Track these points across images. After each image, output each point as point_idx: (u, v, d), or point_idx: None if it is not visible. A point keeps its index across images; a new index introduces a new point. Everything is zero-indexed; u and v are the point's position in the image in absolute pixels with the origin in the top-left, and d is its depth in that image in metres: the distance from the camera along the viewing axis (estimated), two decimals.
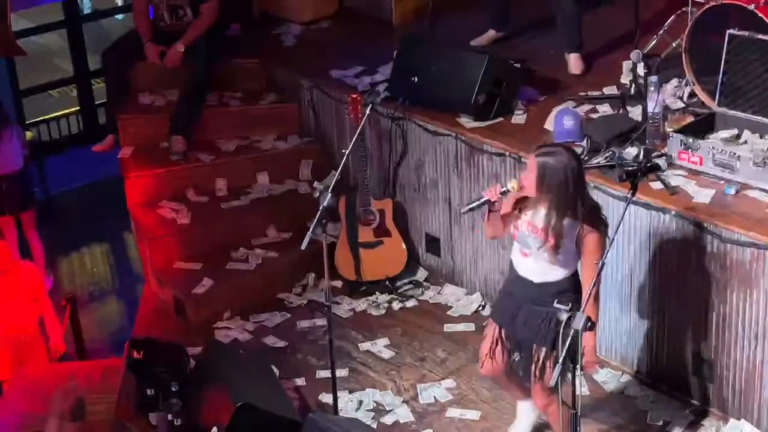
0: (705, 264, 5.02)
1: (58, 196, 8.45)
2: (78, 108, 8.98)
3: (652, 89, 5.52)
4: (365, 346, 5.92)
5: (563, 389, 4.21)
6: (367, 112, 5.91)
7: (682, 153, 5.31)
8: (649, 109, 5.51)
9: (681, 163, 5.33)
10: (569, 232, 4.47)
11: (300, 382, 5.66)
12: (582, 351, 4.03)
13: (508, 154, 5.77)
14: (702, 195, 5.13)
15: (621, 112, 5.92)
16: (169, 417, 4.75)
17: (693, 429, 5.13)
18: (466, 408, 5.38)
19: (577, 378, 4.09)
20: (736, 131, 5.41)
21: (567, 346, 4.01)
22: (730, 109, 5.45)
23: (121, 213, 6.97)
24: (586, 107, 6.08)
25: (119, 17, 9.66)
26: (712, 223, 4.96)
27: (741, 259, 4.89)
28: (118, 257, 7.87)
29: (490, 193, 4.56)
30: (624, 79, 6.27)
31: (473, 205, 4.63)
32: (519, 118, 6.06)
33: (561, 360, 4.00)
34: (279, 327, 6.15)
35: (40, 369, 5.82)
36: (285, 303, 6.34)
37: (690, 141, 5.28)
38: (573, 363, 4.05)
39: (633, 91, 5.94)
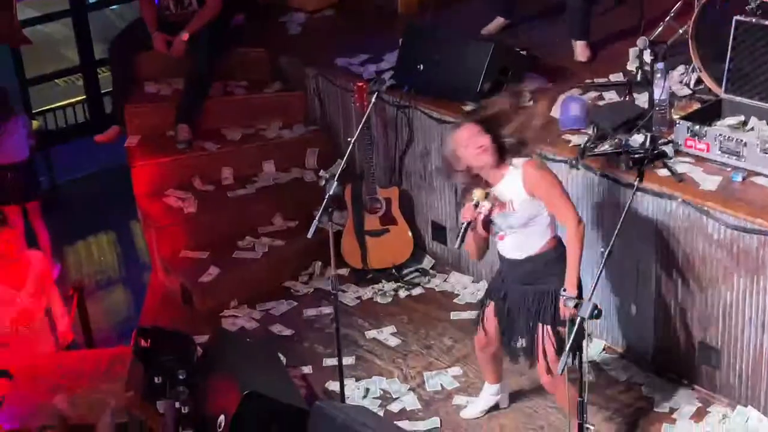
0: (711, 251, 5.02)
1: (64, 185, 8.45)
2: (84, 97, 8.99)
3: (658, 76, 5.49)
4: (372, 333, 5.93)
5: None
6: (373, 100, 5.89)
7: (688, 140, 5.30)
8: (656, 96, 5.48)
9: (688, 150, 5.31)
10: (519, 191, 4.52)
11: (307, 370, 5.67)
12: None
13: None
14: (709, 182, 5.11)
15: (627, 99, 5.90)
16: (177, 405, 4.76)
17: (699, 416, 5.13)
18: (472, 395, 5.37)
19: (584, 365, 4.10)
20: (742, 118, 5.39)
21: (573, 334, 4.02)
22: (736, 96, 5.43)
23: (128, 202, 6.98)
24: (592, 94, 6.07)
25: (114, 7, 9.62)
26: (718, 210, 4.95)
27: (748, 246, 4.87)
28: (124, 246, 7.87)
29: (466, 215, 4.57)
30: (630, 66, 6.25)
31: (461, 234, 4.58)
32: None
33: (567, 347, 4.02)
34: (285, 315, 6.16)
35: (47, 357, 5.85)
36: (291, 291, 6.35)
37: (697, 128, 5.26)
38: (579, 351, 4.06)
39: (639, 78, 5.91)
